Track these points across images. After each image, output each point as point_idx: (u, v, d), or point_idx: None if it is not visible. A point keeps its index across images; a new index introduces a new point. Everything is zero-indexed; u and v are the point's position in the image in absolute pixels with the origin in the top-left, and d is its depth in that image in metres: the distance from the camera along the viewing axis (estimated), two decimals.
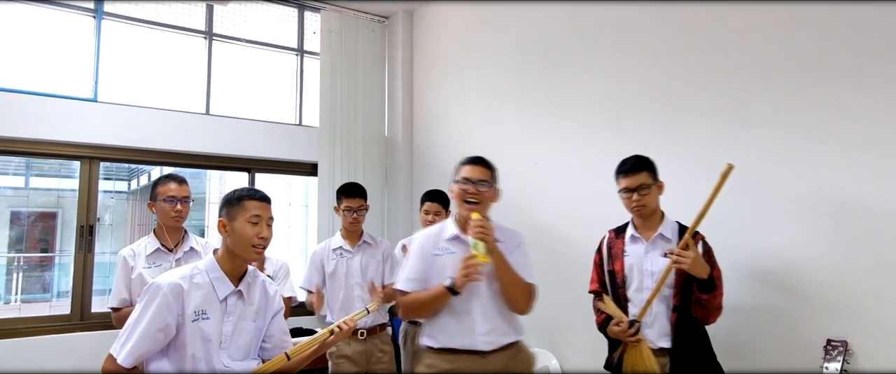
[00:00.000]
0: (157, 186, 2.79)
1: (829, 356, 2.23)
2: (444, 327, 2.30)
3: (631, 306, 2.40)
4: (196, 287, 1.95)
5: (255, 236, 1.98)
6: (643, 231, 2.45)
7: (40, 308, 4.24)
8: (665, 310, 2.34)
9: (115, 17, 4.16)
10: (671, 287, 2.33)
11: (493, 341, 2.28)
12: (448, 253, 2.33)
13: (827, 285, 2.38)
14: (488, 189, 2.33)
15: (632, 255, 2.44)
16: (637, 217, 2.47)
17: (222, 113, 4.49)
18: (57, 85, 3.92)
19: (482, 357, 2.27)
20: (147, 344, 1.87)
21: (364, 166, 4.81)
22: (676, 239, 2.35)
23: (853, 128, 2.36)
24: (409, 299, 2.32)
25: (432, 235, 2.42)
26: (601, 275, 2.55)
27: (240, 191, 2.04)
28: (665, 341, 2.32)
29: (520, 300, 2.32)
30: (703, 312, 2.28)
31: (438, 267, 2.32)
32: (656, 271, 2.35)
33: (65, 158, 3.96)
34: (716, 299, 2.25)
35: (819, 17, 2.49)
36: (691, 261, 2.17)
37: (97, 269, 3.98)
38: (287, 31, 4.95)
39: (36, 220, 4.89)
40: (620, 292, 2.43)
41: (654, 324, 2.35)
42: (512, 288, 2.29)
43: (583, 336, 3.23)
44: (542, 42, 3.79)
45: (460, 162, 2.39)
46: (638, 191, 2.38)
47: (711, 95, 2.85)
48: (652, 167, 2.43)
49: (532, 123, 3.80)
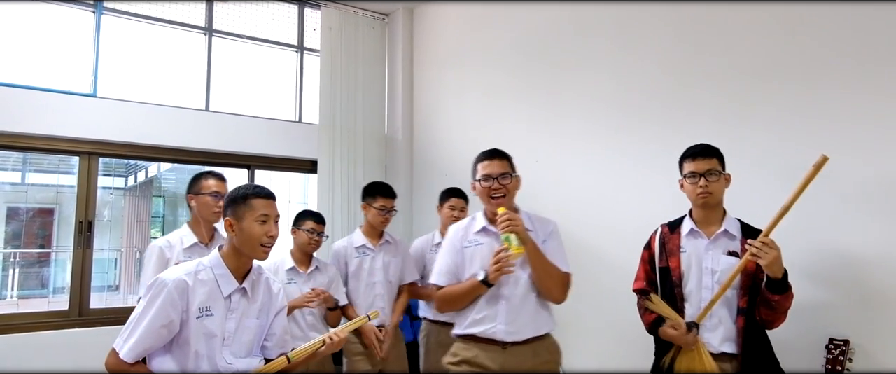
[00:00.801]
0: (200, 180, 2.83)
1: (831, 355, 2.24)
2: (470, 314, 2.32)
3: (687, 306, 2.23)
4: (201, 284, 1.95)
5: (264, 234, 1.98)
6: (704, 226, 2.28)
7: (38, 304, 4.22)
8: (729, 312, 2.17)
9: (115, 13, 4.14)
10: (736, 288, 2.17)
11: (514, 332, 2.27)
12: (477, 245, 2.37)
13: (828, 284, 2.38)
14: (510, 180, 2.34)
15: (690, 250, 2.27)
16: (700, 208, 2.29)
17: (222, 109, 4.48)
18: (56, 80, 3.90)
19: (502, 348, 2.27)
20: (150, 340, 1.86)
21: (364, 164, 4.80)
22: (741, 236, 2.22)
23: (857, 126, 2.37)
24: (444, 292, 2.36)
25: (461, 228, 2.46)
26: (650, 273, 2.37)
27: (245, 189, 2.03)
28: (729, 345, 2.16)
29: (555, 290, 2.32)
30: (771, 315, 2.11)
31: (468, 259, 2.36)
32: (718, 269, 2.19)
33: (64, 153, 3.95)
34: (787, 301, 2.09)
35: (823, 15, 2.49)
36: (772, 257, 2.00)
37: (96, 265, 3.96)
38: (287, 28, 4.93)
39: (33, 216, 4.87)
40: (676, 290, 2.26)
41: (717, 328, 2.18)
42: (546, 278, 2.29)
43: (588, 336, 3.23)
44: (543, 39, 3.79)
45: (477, 159, 2.39)
46: (706, 176, 2.22)
47: (715, 93, 2.85)
48: (721, 156, 2.28)
49: (533, 122, 3.80)
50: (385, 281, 3.21)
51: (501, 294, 2.29)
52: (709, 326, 2.18)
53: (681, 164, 2.34)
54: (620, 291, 2.99)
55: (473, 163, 2.40)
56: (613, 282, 3.10)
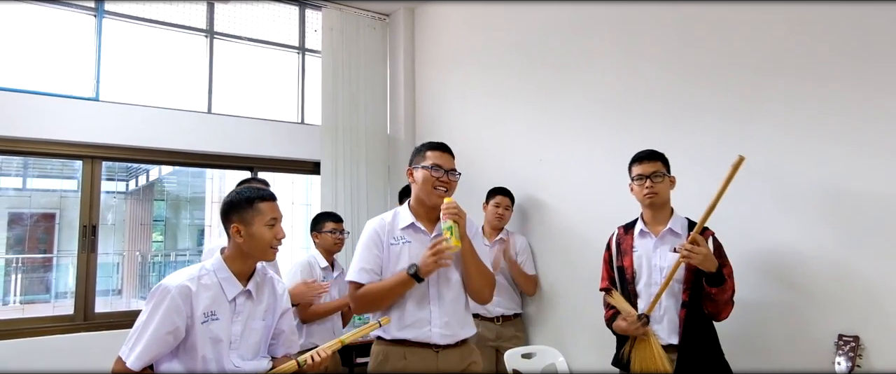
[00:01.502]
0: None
1: (841, 351, 2.23)
2: (399, 317, 2.21)
3: (640, 302, 2.40)
4: (204, 288, 1.94)
5: (274, 237, 1.98)
6: (652, 226, 2.45)
7: (42, 309, 4.22)
8: (674, 306, 2.33)
9: (117, 16, 4.14)
10: (680, 283, 2.32)
11: (449, 334, 2.21)
12: (404, 242, 2.25)
13: (838, 280, 2.37)
14: (456, 178, 2.30)
15: (640, 250, 2.44)
16: (647, 208, 2.47)
17: (224, 111, 4.47)
18: (58, 84, 3.89)
19: (436, 352, 2.20)
20: (156, 347, 1.85)
21: (366, 164, 4.79)
22: (686, 234, 2.35)
23: (863, 124, 2.35)
24: (366, 290, 2.21)
25: (385, 223, 2.30)
26: (610, 272, 2.54)
27: (248, 192, 2.00)
28: (674, 337, 2.31)
29: (485, 290, 2.29)
30: (714, 307, 2.27)
31: (394, 256, 2.24)
32: (665, 266, 2.35)
33: (67, 157, 3.94)
34: (725, 293, 2.23)
35: (826, 13, 2.48)
36: (702, 256, 2.16)
37: (100, 269, 3.96)
38: (288, 30, 4.93)
39: (36, 221, 4.87)
40: (629, 287, 2.43)
41: (663, 320, 2.35)
42: (479, 276, 2.25)
43: (590, 334, 3.23)
44: (544, 39, 3.78)
45: (424, 146, 2.32)
46: (651, 178, 2.39)
47: (718, 92, 2.84)
48: (666, 160, 2.47)
49: (536, 121, 3.79)
50: None
51: (432, 295, 2.22)
52: (657, 318, 2.35)
53: (629, 168, 2.51)
54: None
55: (419, 149, 2.32)
56: None
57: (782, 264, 2.54)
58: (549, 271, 3.65)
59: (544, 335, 3.63)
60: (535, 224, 3.76)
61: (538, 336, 3.67)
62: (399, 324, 2.21)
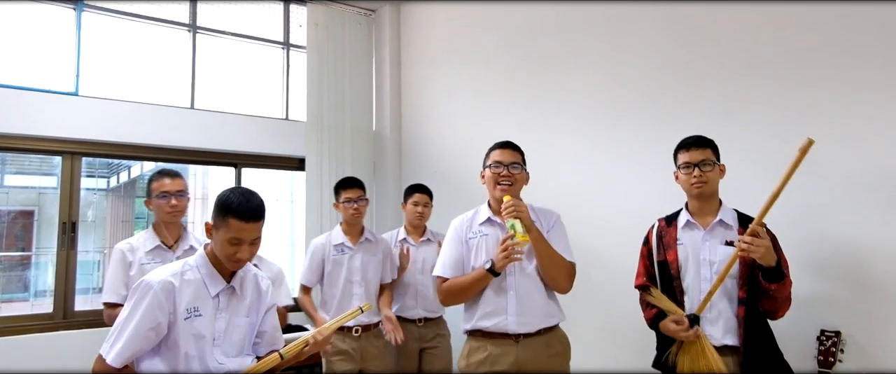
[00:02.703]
0: (151, 182, 2.75)
1: (823, 346, 2.25)
2: (479, 309, 2.31)
3: (686, 299, 2.22)
4: (187, 284, 1.92)
5: (231, 256, 1.90)
6: (700, 218, 2.27)
7: (20, 308, 4.15)
8: (729, 304, 2.15)
9: (97, 9, 4.06)
10: (735, 279, 2.15)
11: (526, 322, 2.27)
12: (482, 236, 2.38)
13: (820, 276, 2.40)
14: (520, 171, 2.38)
15: (687, 243, 2.26)
16: (695, 198, 2.28)
17: (207, 107, 4.42)
18: (37, 78, 3.82)
19: (515, 341, 2.26)
20: (138, 344, 1.83)
21: (352, 161, 4.76)
22: (737, 226, 2.21)
23: (844, 120, 2.38)
24: (450, 284, 2.35)
25: (466, 220, 2.47)
26: (649, 267, 2.36)
27: (231, 200, 1.88)
28: (730, 338, 2.13)
29: (560, 278, 2.32)
30: (772, 304, 2.10)
31: (473, 250, 2.36)
32: (716, 260, 2.17)
33: (46, 153, 3.87)
34: (785, 289, 2.07)
35: (810, 11, 2.51)
36: (764, 249, 1.98)
37: (80, 267, 3.90)
38: (273, 25, 4.88)
39: (13, 218, 4.78)
40: (675, 284, 2.24)
41: (718, 320, 2.15)
42: (552, 266, 2.29)
43: (582, 332, 3.22)
44: (532, 36, 3.78)
45: (491, 147, 2.43)
46: (700, 166, 2.22)
47: (704, 90, 2.86)
48: (715, 147, 2.29)
49: (523, 118, 3.79)
50: (363, 281, 3.16)
51: (508, 285, 2.29)
52: (710, 318, 2.16)
53: (675, 155, 2.34)
54: (613, 287, 3.00)
55: (487, 152, 2.44)
56: (606, 278, 3.10)
57: None
58: None
59: None
60: None
61: None
62: (477, 314, 2.31)
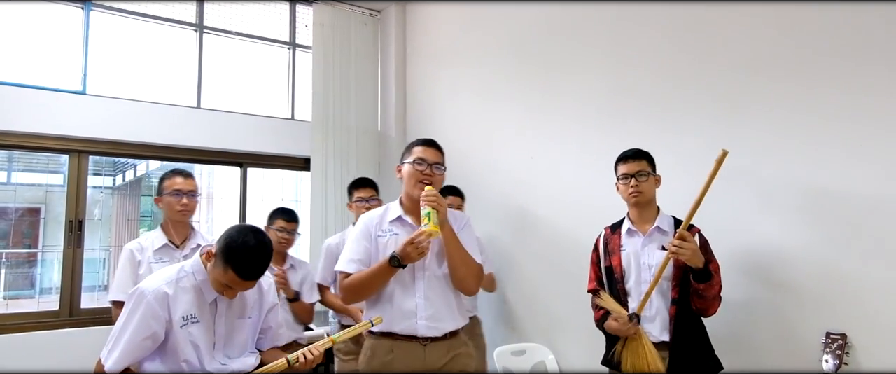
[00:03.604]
0: (163, 180, 2.77)
1: (828, 349, 2.25)
2: (386, 309, 2.24)
3: (630, 301, 2.40)
4: (183, 291, 1.92)
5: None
6: (640, 225, 2.47)
7: (26, 305, 4.17)
8: (664, 303, 2.35)
9: (104, 9, 4.08)
10: (669, 280, 2.34)
11: (435, 326, 2.23)
12: (392, 234, 2.31)
13: (825, 278, 2.39)
14: (442, 173, 2.34)
15: (629, 249, 2.45)
16: (633, 207, 2.49)
17: (213, 107, 4.43)
18: (45, 77, 3.84)
19: (422, 345, 2.22)
20: (134, 352, 1.84)
21: (357, 161, 4.77)
22: (673, 232, 2.36)
23: (849, 122, 2.37)
24: (352, 279, 2.25)
25: (375, 216, 2.39)
26: (599, 273, 2.54)
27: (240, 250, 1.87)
28: (666, 334, 2.32)
29: (469, 279, 2.29)
30: (702, 303, 2.28)
31: (381, 249, 2.29)
32: (654, 263, 2.36)
33: (53, 151, 3.89)
34: (712, 288, 2.25)
35: (811, 16, 2.50)
36: (690, 252, 2.18)
37: (86, 265, 3.92)
38: (279, 25, 4.89)
39: (20, 215, 4.81)
40: (619, 286, 2.43)
41: (655, 318, 2.35)
42: (462, 265, 2.25)
43: (579, 332, 3.23)
44: (536, 37, 3.78)
45: (412, 143, 2.38)
46: (636, 177, 2.42)
47: (707, 91, 2.85)
48: (651, 159, 2.50)
49: (527, 118, 3.79)
50: None
51: (418, 287, 2.24)
52: (648, 316, 2.35)
53: (615, 168, 2.53)
54: None
55: (408, 146, 2.38)
56: None
57: (769, 263, 2.56)
58: (539, 268, 3.65)
59: (533, 333, 3.64)
60: (524, 222, 3.75)
61: (527, 334, 3.67)
62: (386, 317, 2.23)
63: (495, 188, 3.96)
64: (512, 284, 3.80)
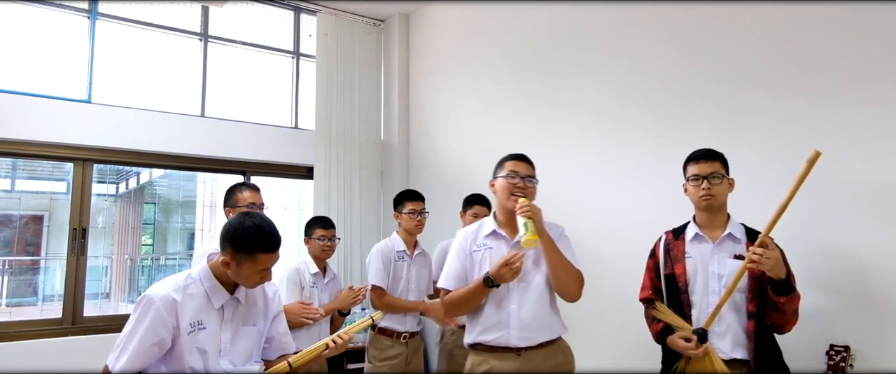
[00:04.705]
0: (235, 193, 2.91)
1: (832, 361, 2.24)
2: (481, 322, 2.28)
3: (694, 313, 2.20)
4: (190, 298, 1.91)
5: (260, 281, 1.95)
6: (708, 231, 2.25)
7: (29, 312, 4.18)
8: (737, 318, 2.13)
9: (110, 18, 4.12)
10: (743, 292, 2.12)
11: (528, 337, 2.23)
12: (486, 248, 2.34)
13: (828, 289, 2.39)
14: (534, 185, 2.37)
15: (695, 256, 2.24)
16: (704, 211, 2.26)
17: (217, 115, 4.46)
18: (51, 86, 3.87)
19: (517, 355, 2.23)
20: (142, 358, 1.83)
21: (360, 170, 4.79)
22: (746, 240, 2.18)
23: (851, 132, 2.38)
24: (451, 296, 2.31)
25: (471, 232, 2.42)
26: (655, 280, 2.34)
27: (252, 234, 1.88)
28: (740, 351, 2.11)
29: (571, 284, 2.27)
30: (780, 318, 2.08)
31: (477, 263, 2.33)
32: (725, 273, 2.15)
33: (58, 159, 3.92)
34: (793, 302, 2.06)
35: (818, 22, 2.51)
36: (773, 261, 1.96)
37: (89, 272, 3.93)
38: (283, 34, 4.92)
39: (24, 223, 4.82)
40: (682, 297, 2.22)
41: (726, 334, 2.13)
42: (563, 271, 2.25)
43: (588, 344, 3.21)
44: (539, 47, 3.79)
45: (503, 158, 2.41)
46: (709, 179, 2.21)
47: (710, 100, 2.86)
48: (725, 160, 2.28)
49: (529, 128, 3.80)
50: (416, 290, 3.26)
51: (511, 299, 2.26)
52: (718, 331, 2.13)
53: (684, 167, 2.32)
54: (619, 297, 2.99)
55: (499, 162, 2.41)
56: (612, 288, 3.09)
57: None
58: None
59: None
60: None
61: None
62: (479, 328, 2.27)
63: None
64: None
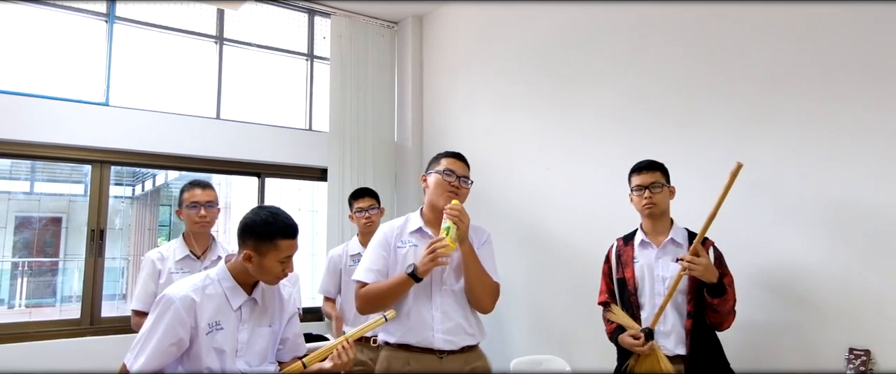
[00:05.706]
0: (183, 192, 2.80)
1: (852, 365, 2.21)
2: (403, 321, 2.24)
3: (643, 314, 2.37)
4: (209, 299, 1.93)
5: (282, 272, 1.96)
6: (653, 236, 2.45)
7: (48, 313, 4.23)
8: (679, 317, 2.32)
9: (127, 21, 4.16)
10: (684, 294, 2.31)
11: (451, 340, 2.22)
12: (411, 245, 2.30)
13: (848, 292, 2.36)
14: (468, 186, 2.34)
15: (642, 261, 2.42)
16: (647, 218, 2.46)
17: (233, 117, 4.49)
18: (69, 89, 3.92)
19: (439, 358, 2.21)
20: (160, 358, 1.85)
21: (374, 172, 4.79)
22: (687, 244, 2.35)
23: (872, 135, 2.35)
24: (368, 289, 2.25)
25: (396, 227, 2.37)
26: (610, 285, 2.52)
27: (270, 221, 1.92)
28: (682, 348, 2.29)
29: (485, 297, 2.27)
30: (716, 317, 2.27)
31: (400, 259, 2.28)
32: (668, 276, 2.34)
33: (76, 161, 3.96)
34: (727, 303, 2.23)
35: (836, 27, 2.48)
36: (703, 267, 2.16)
37: (107, 273, 3.97)
38: (297, 36, 4.95)
39: (43, 225, 4.88)
40: (632, 299, 2.40)
41: (670, 333, 2.32)
42: (478, 283, 2.24)
43: (594, 342, 3.21)
44: (553, 50, 3.78)
45: (440, 154, 2.38)
46: (650, 188, 2.40)
47: (725, 104, 2.84)
48: (665, 170, 2.48)
49: (544, 130, 3.79)
50: None
51: (435, 301, 2.24)
52: (664, 331, 2.32)
53: (629, 179, 2.51)
54: None
55: (436, 157, 2.38)
56: None
57: (791, 278, 2.53)
58: (555, 278, 3.64)
59: (549, 342, 3.61)
60: (541, 234, 3.74)
61: (542, 344, 3.65)
62: (403, 329, 2.24)
63: (512, 201, 3.96)
64: (528, 295, 3.79)
